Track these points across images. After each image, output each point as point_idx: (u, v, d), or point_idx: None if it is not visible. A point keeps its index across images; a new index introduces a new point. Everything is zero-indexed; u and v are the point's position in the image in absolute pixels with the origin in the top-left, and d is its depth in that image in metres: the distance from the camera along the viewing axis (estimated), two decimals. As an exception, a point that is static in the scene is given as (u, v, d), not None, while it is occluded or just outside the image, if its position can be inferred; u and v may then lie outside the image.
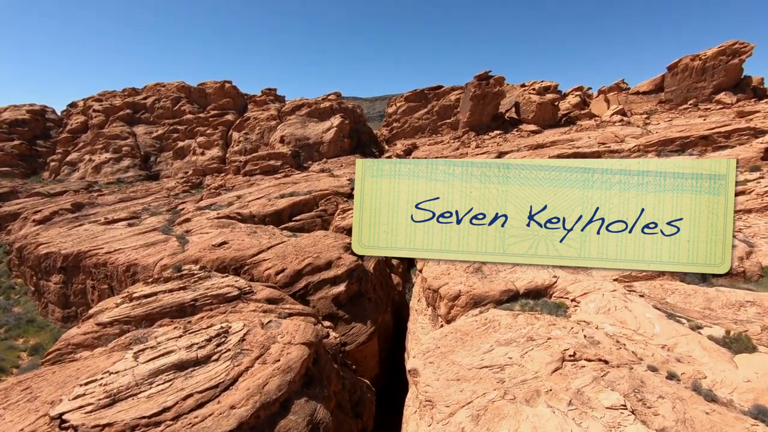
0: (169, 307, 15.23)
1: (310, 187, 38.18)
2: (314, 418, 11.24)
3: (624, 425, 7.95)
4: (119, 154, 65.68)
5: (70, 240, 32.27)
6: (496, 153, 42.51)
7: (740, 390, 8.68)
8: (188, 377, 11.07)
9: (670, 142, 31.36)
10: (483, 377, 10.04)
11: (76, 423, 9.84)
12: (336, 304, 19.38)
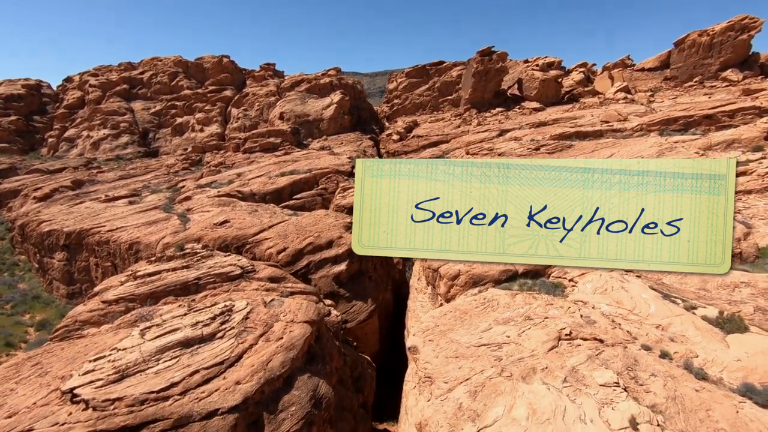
0: (173, 285, 15.47)
1: (310, 165, 38.04)
2: (317, 393, 11.61)
3: (616, 402, 8.24)
4: (117, 130, 65.10)
5: (72, 218, 32.40)
6: (498, 131, 42.15)
7: (730, 369, 8.95)
8: (194, 354, 11.37)
9: (673, 121, 31.05)
10: (481, 355, 10.32)
11: (87, 397, 10.18)
12: (337, 282, 19.66)
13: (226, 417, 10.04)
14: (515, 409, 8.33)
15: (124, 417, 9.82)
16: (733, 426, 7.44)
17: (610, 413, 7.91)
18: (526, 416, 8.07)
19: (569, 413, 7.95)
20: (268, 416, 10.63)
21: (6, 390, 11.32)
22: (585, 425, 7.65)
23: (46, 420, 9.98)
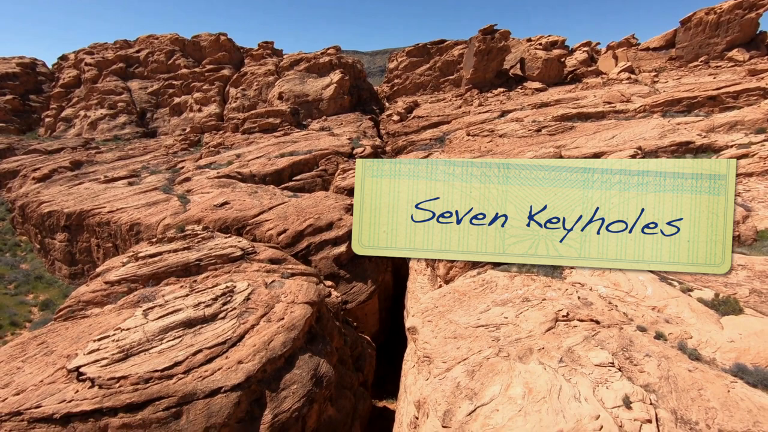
0: (174, 266, 15.60)
1: (310, 147, 37.81)
2: (317, 371, 11.85)
3: (611, 381, 8.42)
4: (115, 110, 64.41)
5: (72, 198, 32.39)
6: (499, 112, 41.73)
7: (723, 350, 9.11)
8: (197, 334, 11.56)
9: (677, 102, 30.72)
10: (479, 335, 10.49)
11: (93, 375, 10.40)
12: (337, 264, 19.81)
13: (229, 395, 10.28)
14: (512, 388, 8.52)
15: (129, 394, 10.06)
16: (724, 405, 7.62)
17: (604, 392, 8.09)
18: (522, 395, 8.26)
19: (564, 392, 8.13)
20: (271, 394, 10.88)
21: (13, 368, 11.56)
22: (579, 404, 7.84)
23: (54, 397, 10.22)
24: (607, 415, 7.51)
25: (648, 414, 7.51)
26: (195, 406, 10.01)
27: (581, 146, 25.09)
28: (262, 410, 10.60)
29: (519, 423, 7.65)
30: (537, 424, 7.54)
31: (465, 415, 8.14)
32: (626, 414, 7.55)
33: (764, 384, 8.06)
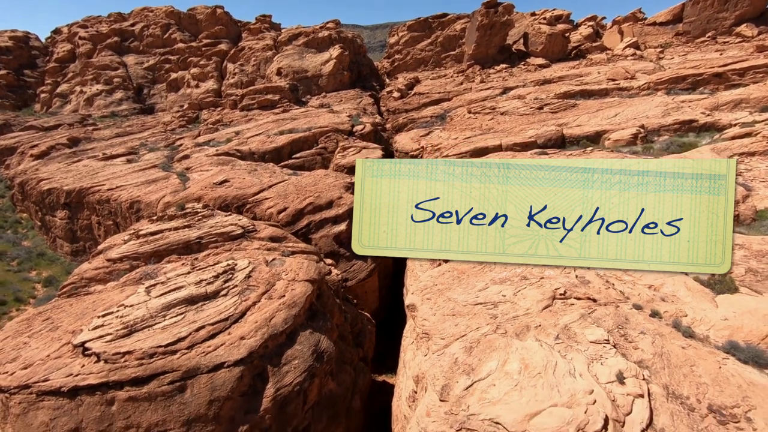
0: (175, 244, 15.69)
1: (309, 124, 37.43)
2: (318, 347, 12.08)
3: (605, 357, 8.61)
4: (111, 85, 63.44)
5: (71, 176, 32.29)
6: (501, 89, 41.12)
7: (717, 327, 9.28)
8: (199, 311, 11.73)
9: (682, 80, 30.23)
10: (477, 313, 10.66)
11: (98, 350, 10.61)
12: (337, 242, 19.92)
13: (232, 369, 10.51)
14: (508, 364, 8.71)
15: (134, 369, 10.29)
16: (715, 380, 7.82)
17: (598, 368, 8.29)
18: (519, 370, 8.46)
19: (560, 368, 8.33)
20: (273, 369, 11.13)
21: (19, 343, 11.79)
22: (574, 379, 8.03)
23: (60, 371, 10.45)
24: (600, 390, 7.71)
25: (640, 389, 7.71)
26: (199, 380, 10.25)
27: (583, 124, 24.85)
28: (264, 384, 10.87)
29: (514, 397, 7.86)
30: (532, 399, 7.75)
31: (462, 390, 8.35)
32: (619, 389, 7.75)
33: (755, 360, 8.25)
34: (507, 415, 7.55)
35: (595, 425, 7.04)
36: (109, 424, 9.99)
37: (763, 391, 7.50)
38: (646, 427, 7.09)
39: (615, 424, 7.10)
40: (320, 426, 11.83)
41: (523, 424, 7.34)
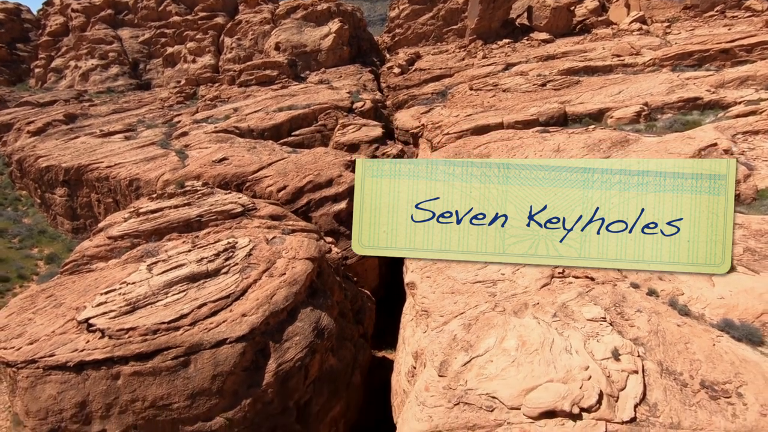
0: (176, 222, 15.72)
1: (308, 100, 36.91)
2: (319, 324, 12.27)
3: (602, 335, 8.75)
4: (106, 60, 62.25)
5: (69, 153, 32.06)
6: (504, 64, 40.35)
7: (713, 306, 9.39)
8: (201, 288, 11.86)
9: (688, 56, 29.62)
10: (476, 291, 10.77)
11: (103, 327, 10.78)
12: (337, 220, 19.96)
13: (234, 345, 10.71)
14: (506, 341, 8.86)
15: (138, 345, 10.48)
16: (708, 357, 7.97)
17: (594, 345, 8.43)
18: (516, 347, 8.61)
19: (556, 345, 8.47)
20: (274, 345, 11.33)
21: (24, 320, 11.96)
22: (570, 355, 8.19)
23: (66, 347, 10.65)
24: (596, 366, 7.86)
25: (635, 365, 7.86)
26: (202, 356, 10.46)
27: (586, 102, 24.52)
28: (266, 360, 11.09)
29: (512, 373, 8.03)
30: (529, 374, 7.91)
31: (460, 366, 8.52)
32: (614, 365, 7.90)
33: (749, 338, 8.39)
34: (504, 390, 7.72)
35: (590, 400, 7.21)
36: (115, 397, 10.25)
37: (755, 367, 7.66)
38: (639, 401, 7.27)
39: (609, 399, 7.27)
40: (321, 400, 12.14)
41: (519, 399, 7.52)
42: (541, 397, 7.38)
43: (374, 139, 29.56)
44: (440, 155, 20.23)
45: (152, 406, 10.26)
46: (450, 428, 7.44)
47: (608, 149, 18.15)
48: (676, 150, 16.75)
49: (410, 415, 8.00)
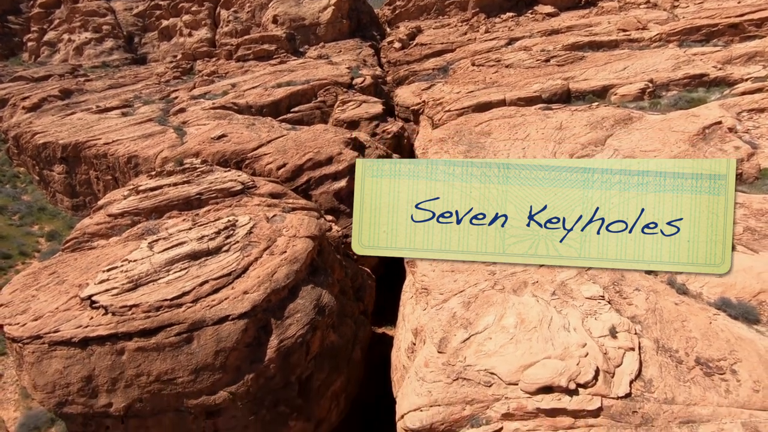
0: (176, 200, 15.68)
1: (307, 76, 36.26)
2: (320, 301, 12.40)
3: (600, 313, 8.85)
4: (100, 33, 60.83)
5: (66, 129, 31.70)
6: (507, 39, 39.45)
7: (710, 285, 9.46)
8: (202, 266, 11.92)
9: (696, 31, 28.91)
10: (476, 270, 10.83)
11: (106, 303, 10.89)
12: (337, 198, 19.92)
13: (236, 322, 10.85)
14: (505, 318, 8.97)
15: (142, 321, 10.61)
16: (704, 335, 8.08)
17: (592, 323, 8.54)
18: (515, 324, 8.72)
19: (555, 322, 8.58)
20: (276, 322, 11.48)
21: (28, 296, 12.08)
22: (568, 333, 8.30)
23: (70, 323, 10.79)
24: (593, 344, 7.98)
25: (632, 343, 7.98)
26: (205, 332, 10.61)
27: (590, 78, 24.10)
28: (268, 336, 11.25)
29: (510, 350, 8.16)
30: (527, 351, 8.04)
31: (459, 342, 8.65)
32: (611, 342, 8.02)
33: (745, 317, 8.49)
34: (502, 366, 7.87)
35: (586, 376, 7.35)
36: (120, 372, 10.45)
37: (750, 345, 7.78)
38: (634, 378, 7.42)
39: (605, 375, 7.41)
40: (322, 375, 12.38)
41: (517, 375, 7.67)
42: (538, 373, 7.52)
43: (374, 116, 29.17)
44: (441, 133, 20.01)
45: (157, 381, 10.48)
46: (449, 403, 7.61)
47: (611, 127, 17.95)
48: (680, 128, 16.56)
49: (410, 390, 8.17)
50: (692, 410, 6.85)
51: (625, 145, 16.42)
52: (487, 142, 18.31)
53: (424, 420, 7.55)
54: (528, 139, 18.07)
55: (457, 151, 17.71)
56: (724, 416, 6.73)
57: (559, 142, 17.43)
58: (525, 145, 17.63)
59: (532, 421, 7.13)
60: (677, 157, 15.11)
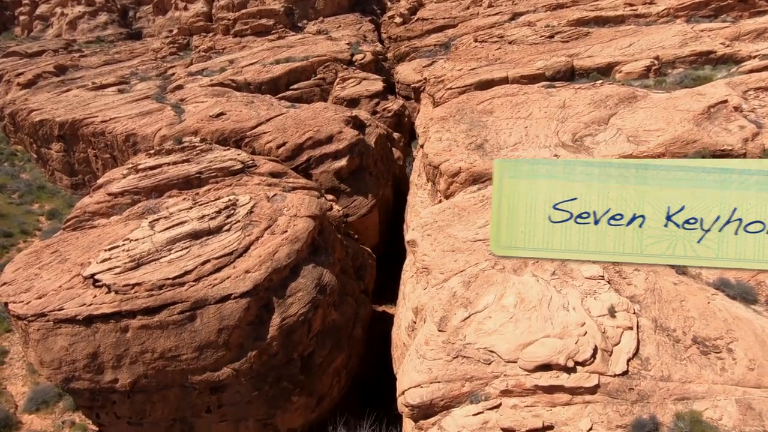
0: (175, 179, 15.61)
1: (306, 52, 35.56)
2: (321, 280, 12.49)
3: (599, 293, 8.92)
4: (93, 7, 59.34)
5: (62, 107, 31.28)
6: (510, 14, 38.51)
7: (710, 265, 9.50)
8: (203, 245, 11.96)
9: (704, 5, 28.17)
10: (476, 249, 10.86)
11: (109, 282, 10.98)
12: (338, 178, 19.82)
13: (239, 301, 10.95)
14: (505, 298, 9.05)
15: (145, 299, 10.71)
16: (702, 314, 8.17)
17: (591, 302, 8.62)
18: (514, 304, 8.80)
19: (554, 302, 8.66)
20: (278, 300, 11.59)
21: (31, 275, 12.16)
22: (567, 312, 8.39)
23: (74, 301, 10.89)
24: (591, 323, 8.07)
25: (630, 322, 8.08)
26: (207, 311, 10.73)
27: (595, 55, 23.61)
28: (270, 314, 11.39)
29: (509, 329, 8.26)
30: (526, 330, 8.14)
31: (459, 321, 8.75)
32: (610, 322, 8.12)
33: (743, 297, 8.56)
34: (501, 345, 7.98)
35: (584, 354, 7.47)
36: (125, 348, 10.62)
37: (747, 324, 7.87)
38: (632, 356, 7.53)
39: (603, 354, 7.53)
40: (324, 352, 12.59)
41: (516, 353, 7.79)
42: (537, 352, 7.63)
43: (375, 93, 28.76)
44: (442, 111, 19.73)
45: (161, 357, 10.66)
46: (448, 380, 7.76)
47: (615, 106, 17.70)
48: (685, 107, 16.33)
49: (410, 367, 8.31)
50: (687, 387, 6.99)
51: (628, 124, 16.23)
52: (489, 121, 18.08)
53: (424, 396, 7.70)
54: (530, 117, 17.84)
55: (458, 130, 17.50)
56: (718, 393, 6.87)
57: (562, 121, 17.22)
58: (527, 124, 17.43)
59: (530, 398, 7.28)
60: (680, 137, 14.97)
